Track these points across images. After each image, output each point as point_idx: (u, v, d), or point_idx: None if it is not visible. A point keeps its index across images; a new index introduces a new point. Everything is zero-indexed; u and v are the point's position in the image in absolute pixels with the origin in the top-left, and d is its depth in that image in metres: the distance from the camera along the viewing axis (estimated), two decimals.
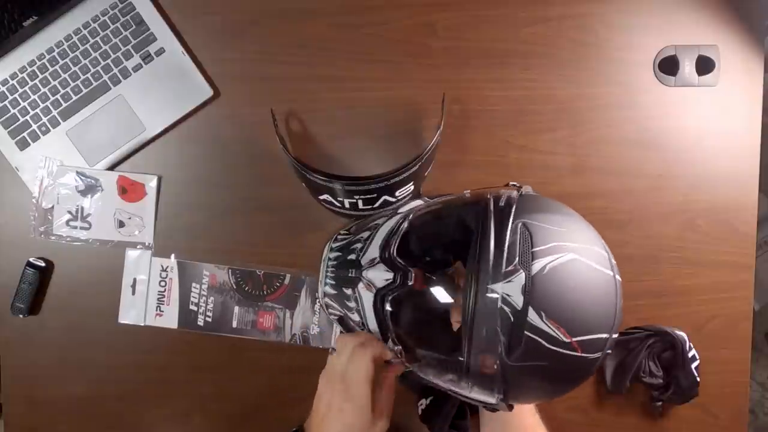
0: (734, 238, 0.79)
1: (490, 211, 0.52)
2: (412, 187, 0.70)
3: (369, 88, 0.79)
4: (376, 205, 0.69)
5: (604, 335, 0.50)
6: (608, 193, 0.79)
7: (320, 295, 0.69)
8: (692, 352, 0.76)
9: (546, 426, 0.69)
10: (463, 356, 0.51)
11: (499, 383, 0.51)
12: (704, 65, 0.79)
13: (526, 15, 0.79)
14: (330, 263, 0.68)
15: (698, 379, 0.75)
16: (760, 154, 0.79)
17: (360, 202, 0.68)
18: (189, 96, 0.78)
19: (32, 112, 0.77)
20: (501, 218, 0.51)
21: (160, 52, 0.78)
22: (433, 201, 0.68)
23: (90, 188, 0.79)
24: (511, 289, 0.48)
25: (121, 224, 0.79)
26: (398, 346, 0.60)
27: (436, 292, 0.65)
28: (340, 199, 0.69)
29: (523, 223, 0.51)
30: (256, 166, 0.79)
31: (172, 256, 0.80)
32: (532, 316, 0.48)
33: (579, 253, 0.50)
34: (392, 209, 0.70)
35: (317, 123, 0.79)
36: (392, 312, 0.61)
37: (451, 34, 0.79)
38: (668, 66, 0.79)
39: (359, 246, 0.65)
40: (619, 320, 0.51)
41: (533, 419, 0.69)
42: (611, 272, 0.52)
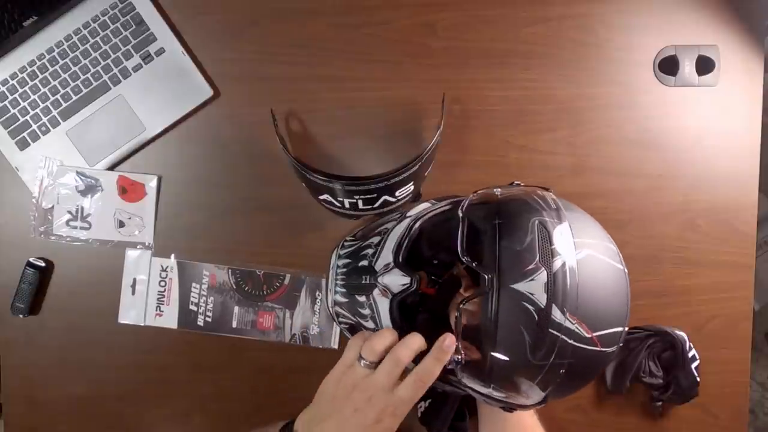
0: (734, 238, 0.79)
1: (503, 210, 0.53)
2: (412, 187, 0.70)
3: (369, 88, 0.79)
4: (376, 205, 0.69)
5: (620, 329, 0.51)
6: (608, 193, 0.79)
7: (330, 304, 0.67)
8: (692, 352, 0.76)
9: (545, 426, 0.70)
10: (488, 359, 0.50)
11: (527, 383, 0.51)
12: (704, 65, 0.79)
13: (526, 15, 0.79)
14: (339, 270, 0.67)
15: (698, 379, 0.75)
16: (760, 154, 0.79)
17: (360, 202, 0.68)
18: (189, 96, 0.78)
19: (32, 112, 0.77)
20: (516, 217, 0.51)
21: (160, 52, 0.78)
22: (441, 203, 0.68)
23: (90, 188, 0.79)
24: (534, 287, 0.48)
25: (121, 224, 0.79)
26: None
27: (448, 296, 0.65)
28: (340, 199, 0.69)
29: (539, 221, 0.51)
30: (256, 166, 0.79)
31: (172, 256, 0.80)
32: (555, 313, 0.48)
33: (593, 248, 0.51)
34: (400, 213, 0.70)
35: (317, 123, 0.79)
36: (410, 317, 0.60)
37: (451, 34, 0.79)
38: (668, 66, 0.79)
39: (370, 251, 0.64)
40: (629, 313, 0.52)
41: (532, 420, 0.69)
42: (621, 266, 0.53)
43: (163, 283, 0.80)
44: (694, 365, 0.75)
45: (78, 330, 0.80)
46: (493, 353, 0.50)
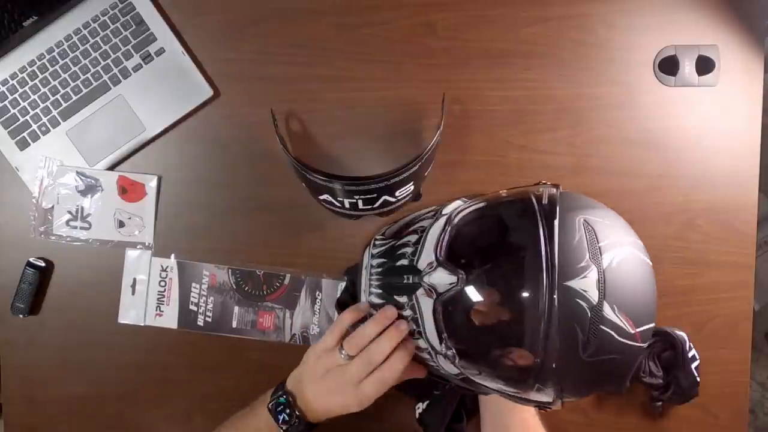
0: (734, 238, 0.79)
1: (547, 209, 0.53)
2: (412, 187, 0.70)
3: (369, 88, 0.79)
4: (376, 205, 0.69)
5: (652, 325, 0.52)
6: (608, 193, 0.79)
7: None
8: (692, 352, 0.75)
9: (545, 426, 0.70)
10: (537, 355, 0.50)
11: (567, 381, 0.51)
12: (704, 65, 0.79)
13: (527, 15, 0.79)
14: (374, 270, 0.66)
15: (698, 379, 0.75)
16: (760, 154, 0.79)
17: (360, 202, 0.68)
18: (189, 96, 0.78)
19: (32, 112, 0.77)
20: (563, 215, 0.52)
21: (160, 52, 0.78)
22: (476, 200, 0.66)
23: (90, 188, 0.79)
24: (586, 284, 0.49)
25: (121, 224, 0.79)
26: (452, 351, 0.58)
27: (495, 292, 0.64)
28: (340, 199, 0.69)
29: (585, 219, 0.52)
30: (256, 166, 0.79)
31: (172, 256, 0.80)
32: (606, 310, 0.49)
33: (631, 245, 0.53)
34: (435, 210, 0.69)
35: (317, 123, 0.79)
36: (454, 317, 0.59)
37: (451, 34, 0.79)
38: (668, 66, 0.79)
39: (409, 250, 0.63)
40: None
41: (534, 420, 0.69)
42: (649, 261, 0.54)
43: (163, 283, 0.80)
44: (694, 365, 0.75)
45: (78, 330, 0.80)
46: (545, 351, 0.49)
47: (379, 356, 0.59)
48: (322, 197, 0.70)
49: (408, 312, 0.61)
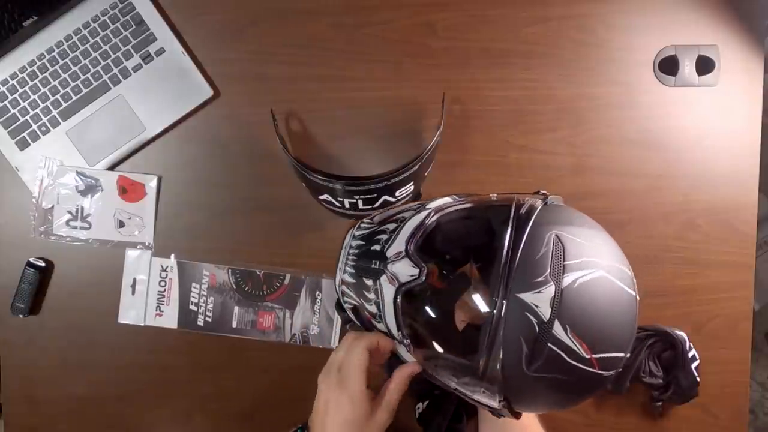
0: (734, 238, 0.79)
1: (522, 218, 0.52)
2: (412, 187, 0.70)
3: (369, 88, 0.79)
4: (376, 205, 0.69)
5: (621, 354, 0.50)
6: (609, 193, 0.79)
7: (337, 282, 0.68)
8: (692, 352, 0.76)
9: (544, 426, 0.69)
10: (481, 359, 0.50)
11: (511, 391, 0.51)
12: (704, 65, 0.79)
13: (527, 15, 0.79)
14: (351, 251, 0.66)
15: (698, 379, 0.75)
16: (760, 154, 0.79)
17: (360, 202, 0.68)
18: (189, 96, 0.78)
19: (32, 112, 0.77)
20: (534, 227, 0.51)
21: (160, 52, 0.78)
22: (462, 200, 0.67)
23: (90, 188, 0.79)
24: (540, 299, 0.48)
25: (121, 224, 0.79)
26: (407, 340, 0.59)
27: (454, 292, 0.65)
28: (340, 199, 0.69)
29: (556, 235, 0.51)
30: (256, 166, 0.79)
31: (172, 256, 0.80)
32: (557, 329, 0.48)
33: (608, 270, 0.51)
34: (420, 204, 0.69)
35: (317, 123, 0.79)
36: (411, 307, 0.60)
37: (451, 34, 0.79)
38: (668, 66, 0.79)
39: (384, 237, 0.64)
40: (633, 340, 0.52)
41: (531, 420, 0.69)
42: (633, 292, 0.52)
43: (163, 283, 0.80)
44: (694, 365, 0.75)
45: (78, 330, 0.80)
46: (488, 356, 0.50)
47: (350, 334, 0.61)
48: (322, 197, 0.70)
49: (372, 296, 0.62)
